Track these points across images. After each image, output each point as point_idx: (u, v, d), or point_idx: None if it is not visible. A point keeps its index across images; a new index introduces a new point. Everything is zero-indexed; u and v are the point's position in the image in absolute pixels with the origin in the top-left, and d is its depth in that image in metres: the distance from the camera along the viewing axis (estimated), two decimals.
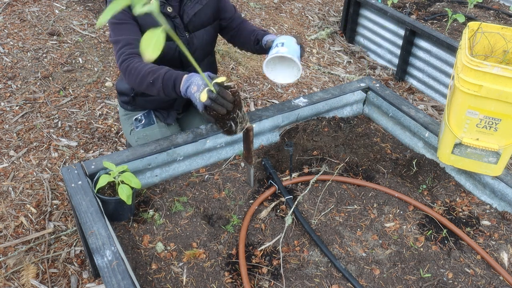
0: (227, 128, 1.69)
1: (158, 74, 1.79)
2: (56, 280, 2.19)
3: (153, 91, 1.84)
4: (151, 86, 1.81)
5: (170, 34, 1.46)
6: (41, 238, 2.37)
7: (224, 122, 1.66)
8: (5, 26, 4.14)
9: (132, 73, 1.85)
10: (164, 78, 1.78)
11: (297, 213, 1.90)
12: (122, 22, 1.95)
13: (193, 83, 1.70)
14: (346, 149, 2.26)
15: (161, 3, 1.98)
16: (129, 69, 1.86)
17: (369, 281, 1.70)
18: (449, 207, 2.02)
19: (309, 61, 4.20)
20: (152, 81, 1.80)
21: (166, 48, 2.03)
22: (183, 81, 1.75)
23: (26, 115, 3.21)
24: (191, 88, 1.70)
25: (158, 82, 1.79)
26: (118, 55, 1.91)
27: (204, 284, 1.65)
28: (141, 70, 1.83)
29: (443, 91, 3.66)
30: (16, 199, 2.58)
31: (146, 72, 1.82)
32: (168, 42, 2.04)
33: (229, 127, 1.68)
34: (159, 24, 2.01)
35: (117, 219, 1.86)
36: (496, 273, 1.75)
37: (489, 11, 4.36)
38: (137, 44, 1.88)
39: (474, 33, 2.04)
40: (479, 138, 1.93)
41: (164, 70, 1.81)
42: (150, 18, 1.98)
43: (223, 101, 1.58)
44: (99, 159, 1.91)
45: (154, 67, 1.83)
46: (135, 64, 1.85)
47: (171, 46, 2.07)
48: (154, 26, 1.99)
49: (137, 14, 1.31)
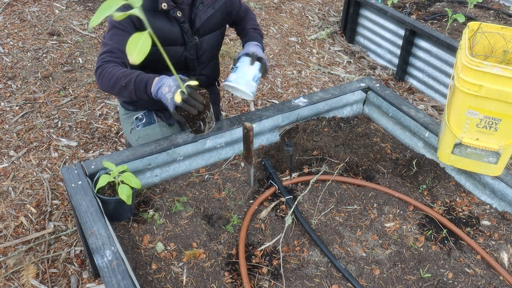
0: (196, 128, 1.80)
1: (130, 78, 1.82)
2: (56, 280, 2.19)
3: (125, 94, 1.86)
4: (124, 89, 1.84)
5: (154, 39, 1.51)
6: (41, 238, 2.37)
7: (194, 122, 1.77)
8: (5, 26, 4.14)
9: (106, 77, 1.87)
10: (136, 81, 1.81)
11: (297, 213, 1.90)
12: (121, 28, 1.95)
13: (165, 85, 1.74)
14: (346, 149, 2.26)
15: (171, 7, 1.98)
16: (103, 73, 1.88)
17: (369, 281, 1.70)
18: (449, 207, 2.02)
19: (309, 61, 4.20)
20: (124, 84, 1.83)
21: (172, 52, 2.05)
22: (155, 82, 1.78)
23: (26, 115, 3.21)
24: (163, 89, 1.74)
25: (130, 85, 1.82)
26: (99, 59, 1.94)
27: (204, 284, 1.65)
28: (114, 74, 1.86)
29: (443, 91, 3.66)
30: (16, 199, 2.58)
31: (119, 76, 1.85)
32: (175, 47, 2.06)
33: (198, 126, 1.79)
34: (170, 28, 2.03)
35: (117, 219, 1.86)
36: (496, 273, 1.75)
37: (489, 11, 4.36)
38: (119, 55, 1.92)
39: (474, 33, 2.04)
40: (479, 138, 1.93)
41: (136, 74, 1.84)
42: (161, 22, 1.99)
43: (195, 103, 1.67)
44: (99, 159, 1.91)
45: (127, 71, 1.86)
46: (109, 68, 1.88)
47: (178, 50, 2.10)
48: (166, 29, 2.01)
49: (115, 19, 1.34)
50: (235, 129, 2.14)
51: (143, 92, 1.81)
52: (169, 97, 1.71)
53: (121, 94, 1.88)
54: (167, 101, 1.72)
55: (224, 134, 2.13)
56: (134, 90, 1.82)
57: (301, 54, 4.28)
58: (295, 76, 3.95)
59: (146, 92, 1.81)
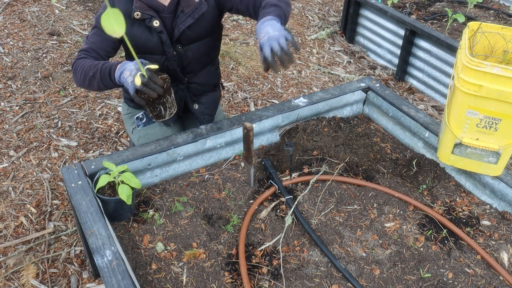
0: (157, 113, 1.84)
1: (97, 67, 1.86)
2: (56, 280, 2.19)
3: (95, 84, 1.89)
4: (93, 79, 1.87)
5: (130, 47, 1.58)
6: (41, 238, 2.37)
7: (154, 106, 1.81)
8: (5, 26, 4.14)
9: (78, 70, 1.91)
10: (102, 69, 1.85)
11: (297, 213, 1.90)
12: (100, 28, 1.92)
13: (126, 69, 1.77)
14: (346, 149, 2.26)
15: (146, 15, 1.94)
16: (76, 69, 1.92)
17: (369, 281, 1.70)
18: (449, 207, 2.02)
19: (309, 61, 4.20)
20: (92, 74, 1.87)
21: (152, 61, 1.99)
22: (117, 68, 1.81)
23: (26, 115, 3.21)
24: (124, 74, 1.77)
25: (97, 73, 1.86)
26: (75, 57, 1.97)
27: (204, 284, 1.65)
28: (84, 66, 1.89)
29: (443, 91, 3.66)
30: (16, 199, 2.58)
31: (88, 68, 1.88)
32: (155, 56, 2.03)
33: (158, 111, 1.84)
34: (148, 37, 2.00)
35: (117, 219, 1.86)
36: (496, 273, 1.75)
37: (489, 11, 4.36)
38: (93, 54, 1.96)
39: (474, 33, 2.04)
40: (479, 138, 1.93)
41: (102, 62, 1.88)
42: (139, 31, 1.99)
43: (155, 86, 1.71)
44: (99, 159, 1.91)
45: (95, 62, 1.90)
46: (81, 63, 1.92)
47: (158, 59, 2.05)
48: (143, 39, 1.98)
49: None
50: (235, 129, 2.14)
51: (108, 79, 1.84)
52: (130, 81, 1.73)
53: (91, 85, 1.90)
54: (128, 84, 1.75)
55: (224, 134, 2.13)
56: (101, 78, 1.85)
57: (301, 54, 4.28)
58: (295, 76, 3.95)
59: (110, 79, 1.84)
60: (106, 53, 2.00)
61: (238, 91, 3.67)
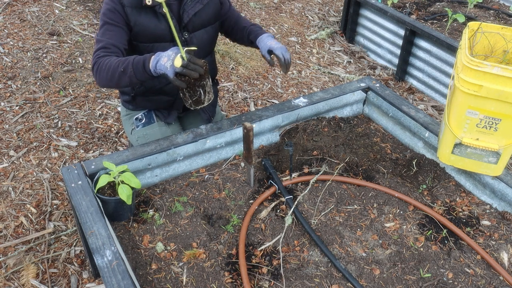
0: (196, 97, 1.82)
1: (128, 62, 1.85)
2: (56, 280, 2.19)
3: (125, 80, 1.87)
4: (123, 74, 1.86)
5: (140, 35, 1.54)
6: (41, 238, 2.37)
7: (194, 89, 1.80)
8: (5, 26, 4.14)
9: (103, 69, 1.89)
10: (133, 63, 1.84)
11: (297, 213, 1.90)
12: (112, 23, 1.95)
13: (163, 56, 1.77)
14: (346, 149, 2.26)
15: (155, 2, 1.95)
16: (99, 68, 1.90)
17: (369, 281, 1.70)
18: (449, 207, 2.02)
19: (309, 61, 4.20)
20: (123, 69, 1.85)
21: (161, 49, 2.03)
22: (152, 58, 1.81)
23: (26, 115, 3.21)
24: (161, 61, 1.77)
25: (129, 68, 1.84)
26: (94, 56, 1.96)
27: (204, 284, 1.65)
28: (110, 64, 1.88)
29: (443, 91, 3.66)
30: (16, 199, 2.58)
31: (115, 64, 1.87)
32: (163, 44, 2.05)
33: (198, 95, 1.82)
34: (157, 24, 2.02)
35: (117, 219, 1.86)
36: (496, 273, 1.75)
37: (489, 11, 4.36)
38: (113, 49, 1.94)
39: (474, 33, 2.04)
40: (479, 138, 1.93)
41: (132, 57, 1.87)
42: (147, 19, 1.98)
43: (195, 66, 1.72)
44: (99, 159, 1.91)
45: (123, 58, 1.88)
46: (105, 61, 1.90)
47: (166, 47, 2.04)
48: (152, 26, 2.00)
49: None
50: (235, 129, 2.14)
51: (142, 71, 1.83)
52: (169, 65, 1.73)
53: (121, 81, 1.88)
54: (166, 69, 1.74)
55: (224, 134, 2.13)
56: (133, 71, 1.84)
57: (301, 54, 4.28)
58: (295, 76, 3.95)
59: (145, 70, 1.83)
60: (124, 45, 2.00)
61: (238, 91, 3.67)
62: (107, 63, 1.88)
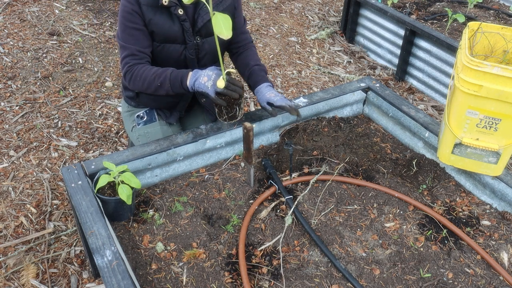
0: (232, 113, 1.98)
1: (165, 76, 1.97)
2: (56, 280, 2.19)
3: (162, 92, 2.02)
4: (160, 88, 2.00)
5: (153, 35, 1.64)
6: (41, 238, 2.37)
7: (232, 106, 1.95)
8: (5, 26, 4.14)
9: (138, 79, 2.01)
10: (171, 78, 1.97)
11: (297, 213, 1.90)
12: (133, 27, 1.98)
13: (202, 75, 1.92)
14: (346, 149, 2.26)
15: (172, 3, 1.97)
16: (134, 77, 2.02)
17: (369, 281, 1.70)
18: (449, 207, 2.02)
19: (309, 61, 4.20)
20: (160, 84, 1.98)
21: (172, 50, 2.05)
22: (190, 75, 1.95)
23: (26, 115, 3.21)
24: (201, 79, 1.91)
25: (166, 83, 1.97)
26: (123, 63, 2.05)
27: (204, 284, 1.65)
28: (146, 76, 1.99)
29: (443, 91, 3.66)
30: (16, 199, 2.58)
31: (152, 77, 1.99)
32: (174, 45, 2.06)
33: (234, 112, 1.98)
34: (171, 25, 2.05)
35: (117, 219, 1.86)
36: (496, 273, 1.75)
37: (489, 11, 4.36)
38: (141, 56, 2.03)
39: (474, 33, 2.04)
40: (479, 138, 1.93)
41: (169, 71, 1.98)
42: (162, 19, 1.99)
43: (235, 87, 1.88)
44: (99, 159, 1.91)
45: (159, 71, 1.99)
46: (139, 71, 2.00)
47: (177, 49, 2.09)
48: (166, 26, 2.01)
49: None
50: (235, 129, 2.14)
51: (179, 87, 1.97)
52: (210, 85, 1.89)
53: (157, 92, 2.02)
54: (207, 88, 1.89)
55: (224, 134, 2.13)
56: (171, 87, 1.98)
57: (301, 54, 4.29)
58: (295, 76, 3.95)
59: (182, 87, 1.97)
60: (150, 49, 2.06)
61: None
62: (142, 74, 1.99)
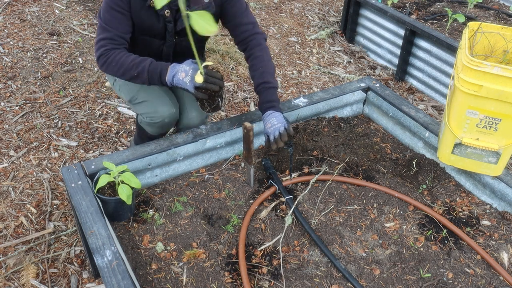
0: (215, 105, 1.92)
1: (143, 67, 1.92)
2: (56, 280, 2.19)
3: (137, 82, 1.98)
4: (136, 78, 1.95)
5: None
6: (41, 238, 2.37)
7: (214, 99, 1.90)
8: (5, 26, 4.14)
9: (113, 65, 1.96)
10: (149, 70, 1.92)
11: (297, 213, 1.90)
12: (118, 10, 1.96)
13: (180, 71, 1.87)
14: (346, 149, 2.26)
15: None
16: (109, 62, 1.96)
17: (369, 281, 1.70)
18: (449, 207, 2.02)
19: (309, 61, 4.20)
20: (136, 74, 1.94)
21: (150, 42, 2.09)
22: (169, 71, 1.90)
23: (26, 115, 3.21)
24: (179, 75, 1.87)
25: (144, 75, 1.93)
26: (99, 45, 1.98)
27: (204, 284, 1.65)
28: (123, 63, 1.93)
29: (443, 91, 3.66)
30: (16, 199, 2.58)
31: (129, 66, 1.93)
32: (154, 39, 2.08)
33: (217, 103, 1.92)
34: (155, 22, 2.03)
35: (117, 219, 1.86)
36: (496, 273, 1.75)
37: (489, 11, 4.36)
38: (120, 41, 1.98)
39: (474, 33, 2.04)
40: (479, 138, 1.93)
41: (148, 62, 1.93)
42: (148, 14, 2.00)
43: (214, 80, 1.82)
44: (99, 159, 1.91)
45: (137, 60, 1.93)
46: (116, 57, 1.94)
47: (156, 43, 2.11)
48: (150, 23, 2.01)
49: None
50: (235, 129, 2.14)
51: (158, 81, 1.93)
52: (188, 80, 1.85)
53: (132, 81, 1.98)
54: (185, 84, 1.85)
55: (224, 134, 2.13)
56: (148, 79, 1.93)
57: (301, 54, 4.28)
58: (295, 76, 3.95)
59: (161, 81, 1.92)
60: (129, 35, 2.03)
61: (238, 91, 3.67)
62: (118, 60, 1.93)
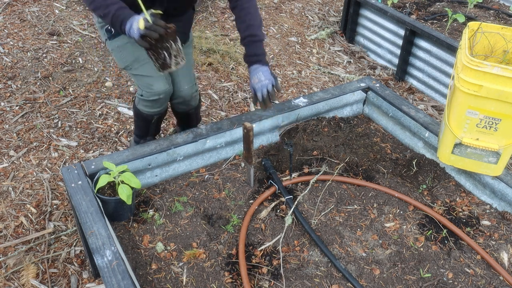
0: (162, 60, 1.83)
1: (109, 11, 1.92)
2: (56, 280, 2.19)
3: (103, 20, 2.00)
4: (104, 17, 1.94)
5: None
6: (41, 238, 2.37)
7: (157, 51, 1.80)
8: (5, 26, 4.14)
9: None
10: (114, 15, 1.91)
11: (297, 213, 1.90)
12: None
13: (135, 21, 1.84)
14: (346, 149, 2.26)
15: None
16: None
17: (369, 281, 1.70)
18: (449, 207, 2.02)
19: (309, 61, 4.20)
20: (103, 15, 1.93)
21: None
22: (128, 22, 1.88)
23: (26, 115, 3.21)
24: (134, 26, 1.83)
25: (108, 18, 1.93)
26: None
27: (204, 284, 1.65)
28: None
29: (443, 91, 3.66)
30: (16, 199, 2.58)
31: (98, 4, 1.93)
32: None
33: (163, 58, 1.82)
34: None
35: (117, 219, 1.86)
36: (496, 273, 1.75)
37: (489, 11, 4.36)
38: None
39: (474, 33, 2.04)
40: (479, 138, 1.93)
41: (115, 7, 1.91)
42: None
43: (156, 27, 1.76)
44: (99, 159, 1.91)
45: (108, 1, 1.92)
46: None
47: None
48: None
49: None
50: (235, 129, 2.14)
51: (119, 29, 1.91)
52: (136, 28, 1.80)
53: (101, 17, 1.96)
54: (133, 32, 1.82)
55: (224, 134, 2.13)
56: (112, 23, 1.92)
57: (301, 54, 4.29)
58: (295, 76, 3.95)
59: (121, 29, 1.90)
60: None
61: (238, 91, 3.67)
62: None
